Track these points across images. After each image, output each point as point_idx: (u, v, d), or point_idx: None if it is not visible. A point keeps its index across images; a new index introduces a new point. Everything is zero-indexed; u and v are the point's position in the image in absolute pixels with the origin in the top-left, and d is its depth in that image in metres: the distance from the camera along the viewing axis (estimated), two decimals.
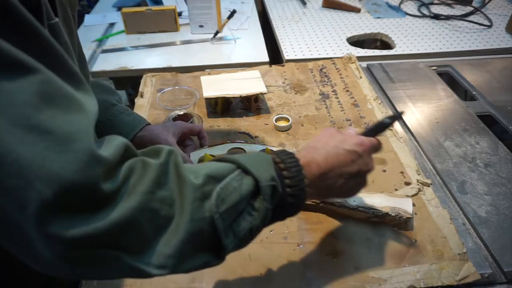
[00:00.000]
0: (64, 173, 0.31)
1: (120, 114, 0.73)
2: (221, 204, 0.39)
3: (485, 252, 0.62)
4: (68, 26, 0.53)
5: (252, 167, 0.42)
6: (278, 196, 0.43)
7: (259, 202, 0.42)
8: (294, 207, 0.46)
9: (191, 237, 0.38)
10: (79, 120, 0.34)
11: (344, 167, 0.49)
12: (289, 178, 0.44)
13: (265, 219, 0.42)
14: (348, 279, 0.57)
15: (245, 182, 0.41)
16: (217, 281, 0.57)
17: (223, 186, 0.40)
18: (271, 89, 1.01)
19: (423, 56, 1.23)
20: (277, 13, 1.56)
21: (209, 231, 0.39)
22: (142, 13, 1.39)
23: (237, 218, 0.41)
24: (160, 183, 0.37)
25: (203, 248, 0.40)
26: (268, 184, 0.42)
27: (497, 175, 0.75)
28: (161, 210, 0.37)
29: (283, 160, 0.45)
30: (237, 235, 0.40)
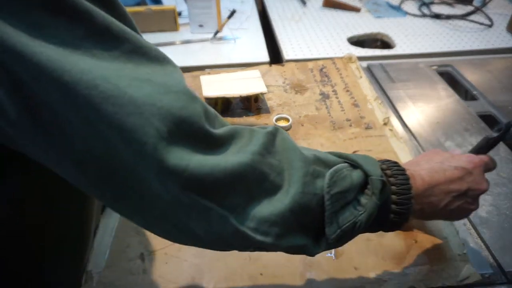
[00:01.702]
0: (172, 109, 0.32)
1: None
2: (333, 185, 0.38)
3: (485, 252, 0.62)
4: None
5: (363, 162, 0.41)
6: (386, 194, 0.41)
7: (366, 197, 0.40)
8: (399, 218, 0.43)
9: (298, 210, 0.37)
10: (173, 72, 0.35)
11: (451, 184, 0.46)
12: (395, 185, 0.42)
13: (370, 216, 0.40)
14: (348, 279, 0.57)
15: (356, 174, 0.40)
16: (217, 281, 0.57)
17: (337, 169, 0.39)
18: (271, 89, 1.01)
19: (423, 56, 1.23)
20: (277, 13, 1.55)
21: (316, 212, 0.38)
22: (141, 13, 1.39)
23: (344, 208, 0.39)
24: (268, 149, 0.37)
25: (306, 229, 0.39)
26: (378, 178, 0.40)
27: (497, 175, 0.74)
28: (270, 175, 0.36)
29: (389, 167, 0.44)
30: (340, 226, 0.39)
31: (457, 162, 0.48)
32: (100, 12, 0.32)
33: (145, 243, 0.62)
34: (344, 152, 0.42)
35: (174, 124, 0.32)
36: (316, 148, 0.81)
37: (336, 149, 0.80)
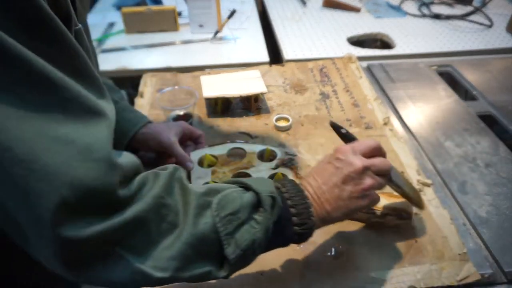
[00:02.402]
0: (85, 179, 0.33)
1: (122, 111, 0.73)
2: (221, 209, 0.41)
3: (485, 252, 0.62)
4: (86, 30, 0.54)
5: (253, 184, 0.45)
6: (278, 208, 0.45)
7: (260, 214, 0.43)
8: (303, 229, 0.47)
9: (194, 241, 0.39)
10: (99, 131, 0.36)
11: (332, 176, 0.50)
12: (290, 199, 0.47)
13: (266, 231, 0.44)
14: (348, 279, 0.57)
15: (246, 195, 0.44)
16: (217, 281, 0.57)
17: (224, 194, 0.43)
18: (271, 89, 1.01)
19: (423, 56, 1.23)
20: (277, 13, 1.55)
21: (212, 238, 0.41)
22: (142, 13, 1.39)
23: (239, 228, 0.42)
24: (168, 191, 0.40)
25: (207, 256, 0.41)
26: (268, 195, 0.44)
27: (497, 175, 0.74)
28: (168, 216, 0.39)
29: (283, 184, 0.49)
30: (239, 246, 0.42)
31: (329, 157, 0.52)
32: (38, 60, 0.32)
33: None
34: None
35: (84, 193, 0.33)
36: (316, 148, 0.82)
37: None
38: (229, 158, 0.75)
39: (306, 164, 0.77)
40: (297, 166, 0.74)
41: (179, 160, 0.71)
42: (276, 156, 0.75)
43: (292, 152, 0.77)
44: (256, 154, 0.76)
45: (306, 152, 0.80)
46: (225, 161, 0.74)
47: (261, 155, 0.77)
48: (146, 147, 0.75)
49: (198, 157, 0.74)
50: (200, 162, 0.74)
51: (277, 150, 0.76)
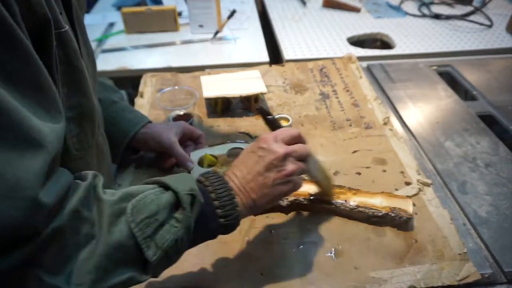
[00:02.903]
0: (7, 218, 0.32)
1: (122, 111, 0.73)
2: (136, 214, 0.41)
3: (485, 252, 0.62)
4: (81, 29, 0.53)
5: (172, 183, 0.44)
6: (198, 205, 0.45)
7: (180, 213, 0.43)
8: (228, 220, 0.47)
9: (110, 251, 0.39)
10: (32, 165, 0.34)
11: (256, 165, 0.51)
12: (213, 192, 0.47)
13: (188, 229, 0.44)
14: (348, 279, 0.57)
15: (165, 195, 0.44)
16: (217, 281, 0.57)
17: (139, 199, 0.42)
18: (271, 89, 1.01)
19: (423, 56, 1.23)
20: (277, 13, 1.55)
21: (129, 244, 0.40)
22: (142, 13, 1.39)
23: (158, 229, 0.42)
24: (84, 204, 0.39)
25: (126, 263, 0.40)
26: (186, 193, 0.44)
27: (497, 175, 0.74)
28: (82, 229, 0.38)
29: (207, 178, 0.49)
30: (160, 247, 0.41)
31: (252, 146, 0.53)
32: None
33: None
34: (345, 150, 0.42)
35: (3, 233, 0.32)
36: (316, 148, 0.82)
37: (336, 149, 0.80)
38: (229, 158, 0.75)
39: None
40: None
41: (179, 160, 0.71)
42: None
43: None
44: None
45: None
46: (225, 161, 0.74)
47: None
48: (146, 147, 0.75)
49: (198, 157, 0.74)
50: (200, 162, 0.74)
51: None
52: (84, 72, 0.48)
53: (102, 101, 0.72)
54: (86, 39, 0.56)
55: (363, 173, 0.74)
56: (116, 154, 0.72)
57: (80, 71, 0.47)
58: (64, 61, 0.45)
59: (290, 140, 0.53)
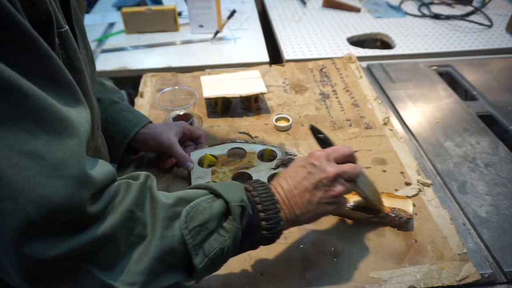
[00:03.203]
0: (53, 198, 0.32)
1: (122, 111, 0.73)
2: (190, 221, 0.41)
3: (485, 252, 0.62)
4: (80, 29, 0.53)
5: (223, 191, 0.45)
6: (247, 217, 0.45)
7: (229, 222, 0.44)
8: (271, 233, 0.48)
9: (162, 255, 0.39)
10: (72, 145, 0.35)
11: (303, 180, 0.51)
12: (260, 204, 0.47)
13: (235, 240, 0.44)
14: (348, 279, 0.57)
15: (216, 204, 0.44)
16: (217, 281, 0.57)
17: (193, 205, 0.43)
18: (271, 89, 1.01)
19: (423, 56, 1.23)
20: (277, 13, 1.55)
21: (181, 250, 0.41)
22: (142, 13, 1.39)
23: (208, 238, 0.42)
24: (138, 203, 0.40)
25: (175, 267, 0.41)
26: (237, 204, 0.44)
27: (497, 175, 0.75)
28: (135, 229, 0.39)
29: (255, 188, 0.49)
30: (208, 255, 0.42)
31: (302, 161, 0.53)
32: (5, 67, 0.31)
33: None
34: None
35: (51, 212, 0.32)
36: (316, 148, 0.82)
37: None
38: (229, 158, 0.75)
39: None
40: None
41: (179, 160, 0.71)
42: (276, 156, 0.75)
43: (292, 152, 0.77)
44: (256, 154, 0.76)
45: (306, 152, 0.80)
46: (225, 161, 0.74)
47: (261, 155, 0.77)
48: (146, 147, 0.75)
49: (198, 157, 0.74)
50: (200, 162, 0.74)
51: (277, 150, 0.76)
52: (83, 72, 0.48)
53: (103, 101, 0.72)
54: (85, 40, 0.56)
55: None
56: (116, 154, 0.72)
57: (80, 71, 0.48)
58: (65, 60, 0.45)
59: (342, 159, 0.53)
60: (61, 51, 0.44)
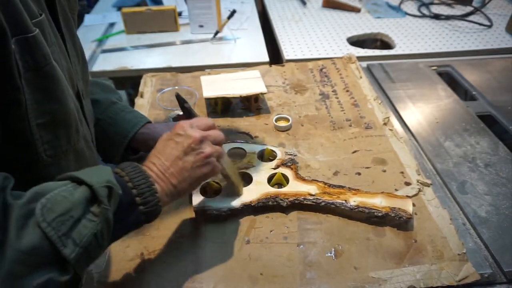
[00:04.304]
0: None
1: (121, 112, 0.73)
2: (47, 213, 0.39)
3: (485, 252, 0.62)
4: (69, 30, 0.53)
5: (86, 176, 0.43)
6: (116, 197, 0.44)
7: (97, 206, 0.42)
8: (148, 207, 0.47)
9: (22, 256, 0.37)
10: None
11: (173, 150, 0.52)
12: (131, 181, 0.47)
13: (107, 222, 0.42)
14: (348, 279, 0.57)
15: (79, 190, 0.42)
16: (216, 281, 0.57)
17: (49, 197, 0.40)
18: (271, 89, 1.01)
19: (423, 56, 1.23)
20: (277, 13, 1.55)
21: (43, 245, 0.38)
22: (142, 13, 1.39)
23: (75, 226, 0.40)
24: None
25: (41, 265, 0.38)
26: (102, 185, 0.42)
27: (497, 175, 0.75)
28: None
29: (123, 169, 0.48)
30: (78, 243, 0.40)
31: (167, 135, 0.54)
32: None
33: (145, 243, 0.62)
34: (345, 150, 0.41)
35: None
36: (316, 148, 0.82)
37: (336, 149, 0.80)
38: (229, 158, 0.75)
39: (306, 164, 0.77)
40: (297, 166, 0.74)
41: None
42: (276, 156, 0.75)
43: (292, 152, 0.77)
44: (256, 154, 0.76)
45: (306, 152, 0.80)
46: None
47: (261, 155, 0.77)
48: (146, 147, 0.75)
49: None
50: None
51: (277, 150, 0.77)
52: (55, 77, 0.47)
53: (101, 102, 0.72)
54: (75, 40, 0.56)
55: (363, 173, 0.74)
56: (116, 155, 0.72)
57: (50, 76, 0.47)
58: (32, 67, 0.44)
59: (205, 128, 0.56)
60: (26, 58, 0.43)
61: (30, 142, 0.46)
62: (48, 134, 0.48)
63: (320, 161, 0.78)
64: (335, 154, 0.80)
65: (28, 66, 0.43)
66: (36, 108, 0.45)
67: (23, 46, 0.42)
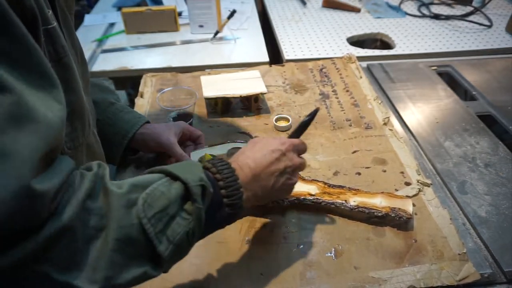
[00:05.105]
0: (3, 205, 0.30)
1: (119, 112, 0.73)
2: (148, 208, 0.39)
3: (485, 252, 0.62)
4: (68, 29, 0.53)
5: (180, 172, 0.43)
6: (209, 196, 0.44)
7: (190, 204, 0.42)
8: (233, 209, 0.47)
9: (121, 246, 0.37)
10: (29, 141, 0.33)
11: (272, 165, 0.52)
12: (222, 180, 0.46)
13: (199, 221, 0.42)
14: (348, 279, 0.57)
15: (174, 186, 0.42)
16: (217, 281, 0.57)
17: (149, 192, 0.40)
18: (271, 89, 1.01)
19: (423, 56, 1.23)
20: (277, 13, 1.55)
21: (140, 239, 0.39)
22: (142, 13, 1.39)
23: (169, 223, 0.41)
24: (91, 194, 0.38)
25: (138, 258, 0.39)
26: (197, 184, 0.42)
27: (497, 175, 0.75)
28: (90, 221, 0.37)
29: (214, 164, 0.48)
30: (172, 241, 0.40)
31: (273, 146, 0.54)
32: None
33: None
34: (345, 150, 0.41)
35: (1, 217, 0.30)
36: (316, 148, 0.82)
37: (336, 149, 0.80)
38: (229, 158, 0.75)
39: (306, 164, 0.76)
40: None
41: (179, 161, 0.71)
42: None
43: None
44: None
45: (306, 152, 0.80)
46: None
47: None
48: (145, 147, 0.75)
49: (198, 157, 0.74)
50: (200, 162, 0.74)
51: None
52: (73, 69, 0.48)
53: (100, 103, 0.72)
54: (73, 39, 0.56)
55: (363, 173, 0.74)
56: (116, 155, 0.72)
57: (69, 67, 0.47)
58: (54, 58, 0.44)
59: (302, 154, 0.58)
60: (48, 48, 0.43)
61: None
62: (68, 127, 0.48)
63: (320, 161, 0.78)
64: (335, 154, 0.80)
65: (50, 57, 0.44)
66: None
67: (46, 36, 0.42)
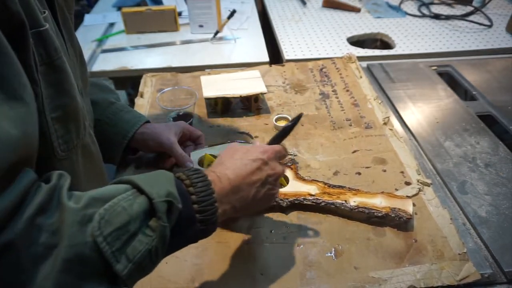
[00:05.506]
0: None
1: (119, 112, 0.73)
2: (105, 225, 0.36)
3: (485, 252, 0.62)
4: (67, 29, 0.53)
5: (146, 185, 0.40)
6: (176, 212, 0.41)
7: (155, 221, 0.39)
8: (206, 225, 0.44)
9: (70, 267, 0.34)
10: None
11: (253, 175, 0.50)
12: (195, 194, 0.43)
13: (163, 239, 0.39)
14: (348, 279, 0.57)
15: (138, 201, 0.39)
16: (217, 281, 0.57)
17: (108, 207, 0.37)
18: (271, 89, 1.01)
19: (423, 56, 1.23)
20: (277, 13, 1.55)
21: (94, 258, 0.36)
22: (142, 13, 1.39)
23: (130, 241, 0.37)
24: (44, 209, 0.35)
25: (92, 278, 0.36)
26: (162, 200, 0.39)
27: (497, 175, 0.75)
28: (40, 238, 0.34)
29: (189, 176, 0.45)
30: (131, 259, 0.37)
31: (254, 154, 0.52)
32: None
33: None
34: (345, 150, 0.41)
35: None
36: (316, 148, 0.82)
37: (336, 149, 0.80)
38: None
39: (306, 164, 0.77)
40: (297, 166, 0.74)
41: (179, 161, 0.71)
42: None
43: (292, 152, 0.77)
44: None
45: (306, 152, 0.80)
46: None
47: None
48: (146, 147, 0.75)
49: (198, 157, 0.74)
50: (200, 162, 0.74)
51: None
52: (67, 71, 0.47)
53: (100, 103, 0.72)
54: (73, 39, 0.56)
55: (363, 173, 0.74)
56: (116, 155, 0.72)
57: (62, 70, 0.47)
58: (45, 60, 0.44)
59: (282, 160, 0.56)
60: (39, 51, 0.43)
61: (47, 137, 0.46)
62: (62, 129, 0.48)
63: (320, 161, 0.78)
64: (335, 154, 0.80)
65: (42, 60, 0.43)
66: (50, 102, 0.45)
67: (37, 39, 0.42)
